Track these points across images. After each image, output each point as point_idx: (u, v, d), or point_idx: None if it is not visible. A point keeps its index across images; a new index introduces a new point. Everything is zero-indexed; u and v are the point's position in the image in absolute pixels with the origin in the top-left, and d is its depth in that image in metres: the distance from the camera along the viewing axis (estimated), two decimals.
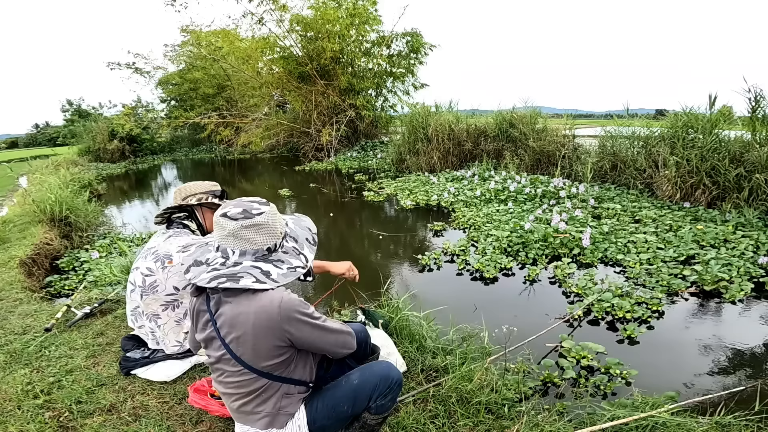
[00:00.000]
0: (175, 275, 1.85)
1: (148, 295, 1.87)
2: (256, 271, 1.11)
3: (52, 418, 1.64)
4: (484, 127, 7.99)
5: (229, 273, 1.10)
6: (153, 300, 1.88)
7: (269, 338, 1.09)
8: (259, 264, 1.13)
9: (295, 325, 1.10)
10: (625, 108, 6.47)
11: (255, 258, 1.14)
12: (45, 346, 2.18)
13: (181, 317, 1.94)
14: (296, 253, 1.22)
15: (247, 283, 1.08)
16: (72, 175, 8.24)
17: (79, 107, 20.49)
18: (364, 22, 11.09)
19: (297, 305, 1.11)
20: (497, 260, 3.44)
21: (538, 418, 1.63)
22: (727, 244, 3.53)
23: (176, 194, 1.98)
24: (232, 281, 1.08)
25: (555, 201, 5.23)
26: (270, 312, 1.07)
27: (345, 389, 1.24)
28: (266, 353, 1.11)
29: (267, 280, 1.10)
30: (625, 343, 2.33)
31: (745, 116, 4.84)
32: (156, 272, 1.86)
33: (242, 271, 1.11)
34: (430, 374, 1.91)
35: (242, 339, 1.08)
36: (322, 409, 1.21)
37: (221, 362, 1.15)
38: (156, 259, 1.86)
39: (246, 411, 1.18)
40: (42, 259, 3.91)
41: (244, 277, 1.09)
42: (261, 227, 1.13)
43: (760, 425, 1.58)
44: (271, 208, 1.18)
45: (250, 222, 1.11)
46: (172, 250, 1.85)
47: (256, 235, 1.13)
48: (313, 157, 11.70)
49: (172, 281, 1.86)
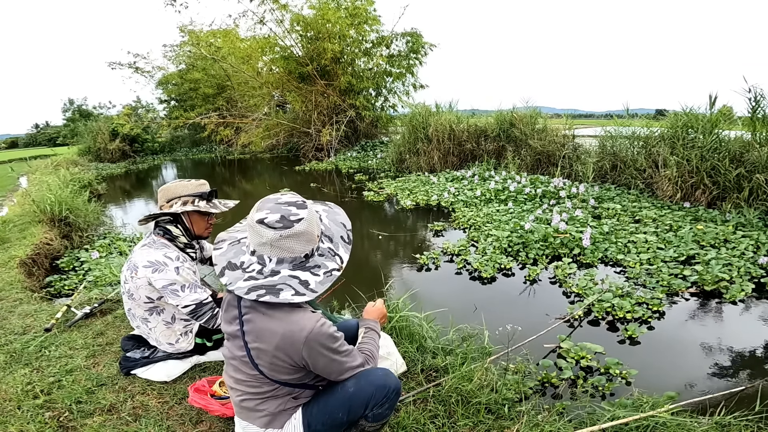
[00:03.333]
0: (142, 287, 1.76)
1: (130, 300, 1.83)
2: (295, 282, 1.08)
3: (52, 418, 1.64)
4: (484, 127, 7.99)
5: (267, 284, 1.06)
6: (136, 306, 1.84)
7: (288, 359, 1.09)
8: (297, 273, 1.09)
9: (314, 357, 1.09)
10: (625, 108, 6.47)
11: (293, 266, 1.10)
12: (45, 346, 2.18)
13: (168, 321, 1.89)
14: (332, 254, 1.16)
15: (287, 296, 1.05)
16: (72, 175, 8.24)
17: (80, 107, 20.49)
18: (363, 22, 11.09)
19: (325, 339, 1.09)
20: (497, 260, 3.44)
21: (538, 418, 1.62)
22: (727, 244, 3.53)
23: (161, 194, 1.85)
24: (272, 294, 1.05)
25: (555, 201, 5.23)
26: (296, 339, 1.06)
27: (340, 397, 1.20)
28: (283, 370, 1.12)
29: (306, 291, 1.07)
30: (626, 344, 2.32)
31: (745, 116, 4.84)
32: (129, 280, 1.79)
33: (281, 282, 1.07)
34: (430, 374, 1.91)
35: (263, 351, 1.09)
36: (318, 414, 1.20)
37: (238, 361, 1.15)
38: (128, 267, 1.79)
39: (249, 407, 1.19)
40: (42, 259, 3.91)
41: (283, 290, 1.06)
42: (301, 236, 1.08)
43: (760, 425, 1.58)
44: (309, 212, 1.12)
45: (289, 232, 1.06)
46: (140, 263, 1.75)
47: (296, 244, 1.09)
48: (313, 157, 11.70)
49: (143, 291, 1.77)
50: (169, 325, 1.89)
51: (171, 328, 1.90)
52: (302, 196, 1.20)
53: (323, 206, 1.30)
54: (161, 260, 1.75)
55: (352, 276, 2.08)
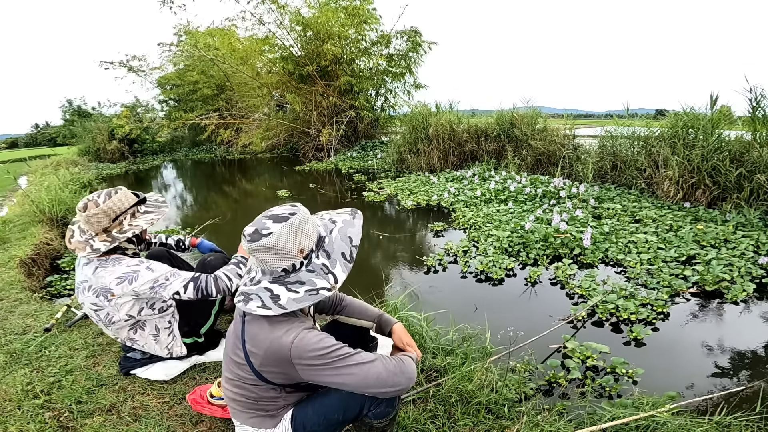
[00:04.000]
0: (123, 305, 1.68)
1: (109, 327, 1.75)
2: (266, 294, 1.07)
3: (52, 418, 1.64)
4: (485, 127, 7.99)
5: (246, 291, 1.10)
6: (118, 329, 1.77)
7: (278, 368, 1.08)
8: (273, 286, 1.09)
9: (304, 369, 1.06)
10: (625, 108, 6.47)
11: (272, 279, 1.10)
12: (45, 346, 2.18)
13: (154, 333, 1.84)
14: (324, 272, 1.10)
15: (252, 307, 1.06)
16: (71, 175, 8.24)
17: (79, 108, 20.48)
18: (362, 21, 11.09)
19: (309, 351, 1.03)
20: (500, 261, 3.42)
21: (538, 418, 1.62)
22: (728, 244, 3.53)
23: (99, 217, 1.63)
24: (244, 302, 1.09)
25: (555, 201, 5.23)
26: (281, 349, 1.05)
27: (334, 398, 1.18)
28: (277, 377, 1.11)
29: (273, 305, 1.06)
30: (631, 345, 2.32)
31: (745, 116, 4.84)
32: (104, 306, 1.68)
33: (254, 292, 1.09)
34: (430, 374, 1.91)
35: (256, 355, 1.09)
36: (314, 415, 1.18)
37: (236, 360, 1.15)
38: (96, 294, 1.66)
39: (243, 407, 1.18)
40: (42, 259, 3.91)
41: (252, 300, 1.07)
42: (269, 250, 1.07)
43: (760, 426, 1.58)
44: (285, 226, 1.07)
45: (256, 245, 1.07)
46: (108, 284, 1.64)
47: (267, 256, 1.08)
48: (313, 157, 11.70)
49: (124, 310, 1.70)
50: (156, 337, 1.85)
51: (158, 339, 1.86)
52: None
53: (347, 217, 1.20)
54: (129, 270, 1.66)
55: (352, 276, 2.08)
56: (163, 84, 17.16)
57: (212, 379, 1.89)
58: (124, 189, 1.73)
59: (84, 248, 1.65)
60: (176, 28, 14.93)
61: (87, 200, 1.65)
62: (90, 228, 1.66)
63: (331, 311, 1.50)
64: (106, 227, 1.66)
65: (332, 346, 1.06)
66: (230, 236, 4.74)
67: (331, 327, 1.47)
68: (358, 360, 1.07)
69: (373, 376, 1.06)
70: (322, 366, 1.04)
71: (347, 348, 1.08)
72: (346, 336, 1.23)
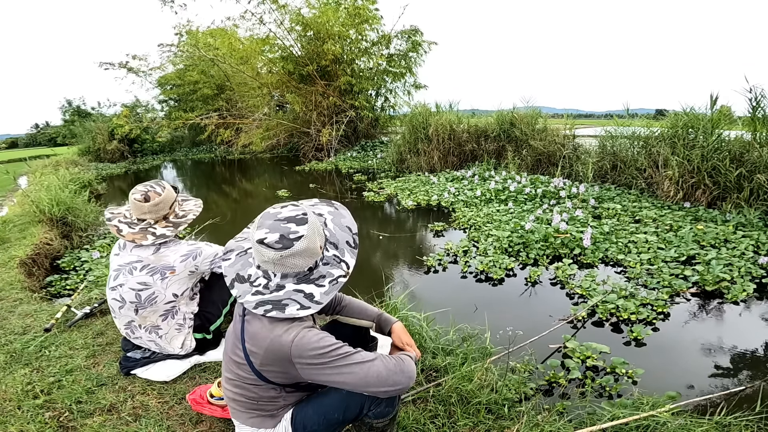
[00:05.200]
0: (175, 282, 1.80)
1: (144, 308, 1.81)
2: (299, 296, 1.08)
3: (52, 418, 1.64)
4: (485, 127, 7.99)
5: (274, 299, 1.08)
6: (151, 312, 1.83)
7: (279, 367, 1.08)
8: (302, 286, 1.09)
9: (305, 368, 1.06)
10: (625, 108, 6.47)
11: (297, 280, 1.10)
12: (45, 346, 2.18)
13: (181, 323, 1.91)
14: (337, 261, 1.15)
15: (292, 311, 1.06)
16: (71, 175, 8.23)
17: (78, 108, 20.46)
18: (364, 21, 11.09)
19: (309, 349, 1.04)
20: (500, 261, 3.42)
21: (538, 418, 1.62)
22: (728, 244, 3.53)
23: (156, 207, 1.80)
24: (278, 310, 1.06)
25: (555, 201, 5.23)
26: (281, 348, 1.05)
27: (335, 397, 1.18)
28: (278, 377, 1.11)
29: (311, 303, 1.07)
30: (631, 345, 2.32)
31: (745, 116, 4.83)
32: (153, 284, 1.77)
33: (286, 297, 1.08)
34: (430, 374, 1.91)
35: (256, 354, 1.09)
36: (314, 415, 1.19)
37: (236, 359, 1.14)
38: (152, 273, 1.77)
39: (244, 407, 1.18)
40: (42, 259, 3.91)
41: (289, 305, 1.06)
42: (302, 253, 1.06)
43: (760, 426, 1.58)
44: (310, 227, 1.08)
45: (289, 252, 1.05)
46: (172, 262, 1.78)
47: (298, 260, 1.07)
48: (313, 157, 11.70)
49: (171, 289, 1.80)
50: (180, 328, 1.91)
51: (181, 331, 1.92)
52: (301, 196, 1.19)
53: (329, 208, 1.25)
54: (192, 248, 1.82)
55: (352, 276, 2.08)
56: (163, 84, 17.14)
57: (212, 379, 1.89)
58: (158, 189, 1.85)
59: (144, 236, 1.77)
60: (176, 27, 14.94)
61: (145, 192, 1.79)
62: (150, 216, 1.80)
63: (331, 311, 1.50)
64: (165, 214, 1.83)
65: (332, 345, 1.06)
66: (230, 236, 4.71)
67: (331, 327, 1.47)
68: (359, 359, 1.07)
69: (374, 374, 1.06)
70: (323, 365, 1.05)
71: (347, 347, 1.08)
72: (346, 336, 1.23)
